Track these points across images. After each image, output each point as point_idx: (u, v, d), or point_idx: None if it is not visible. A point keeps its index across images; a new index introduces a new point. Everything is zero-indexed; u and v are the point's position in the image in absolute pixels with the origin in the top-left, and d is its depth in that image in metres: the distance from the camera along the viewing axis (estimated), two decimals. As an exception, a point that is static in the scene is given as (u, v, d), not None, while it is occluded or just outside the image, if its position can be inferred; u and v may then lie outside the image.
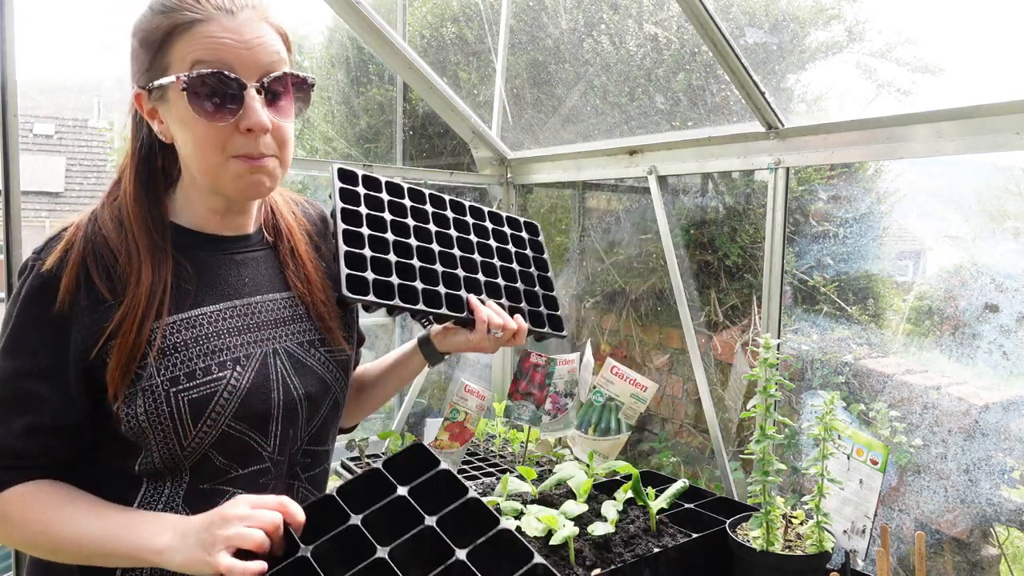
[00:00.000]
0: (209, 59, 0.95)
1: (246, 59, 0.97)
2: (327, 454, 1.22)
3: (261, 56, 0.98)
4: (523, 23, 3.17)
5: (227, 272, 1.09)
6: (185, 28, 0.95)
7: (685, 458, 3.03)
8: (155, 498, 1.03)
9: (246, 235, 1.13)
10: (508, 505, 1.69)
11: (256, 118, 0.97)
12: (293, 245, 1.17)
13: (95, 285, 0.98)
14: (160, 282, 1.00)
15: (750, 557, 1.45)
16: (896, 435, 2.23)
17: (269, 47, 0.99)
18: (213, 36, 0.95)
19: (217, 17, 0.96)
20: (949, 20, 2.16)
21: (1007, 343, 2.07)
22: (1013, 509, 2.04)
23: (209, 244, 1.09)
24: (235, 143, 0.98)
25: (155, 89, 0.99)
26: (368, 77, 4.16)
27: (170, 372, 0.99)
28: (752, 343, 2.64)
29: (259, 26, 0.99)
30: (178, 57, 0.96)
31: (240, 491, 1.05)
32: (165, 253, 1.02)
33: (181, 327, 1.02)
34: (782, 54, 2.53)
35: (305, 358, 1.13)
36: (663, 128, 2.76)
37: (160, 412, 0.98)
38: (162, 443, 1.00)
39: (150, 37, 0.98)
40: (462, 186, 3.44)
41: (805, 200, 2.68)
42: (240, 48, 0.96)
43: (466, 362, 3.82)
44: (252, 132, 0.98)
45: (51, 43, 2.77)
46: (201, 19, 0.95)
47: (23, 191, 1.83)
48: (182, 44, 0.95)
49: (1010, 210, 2.25)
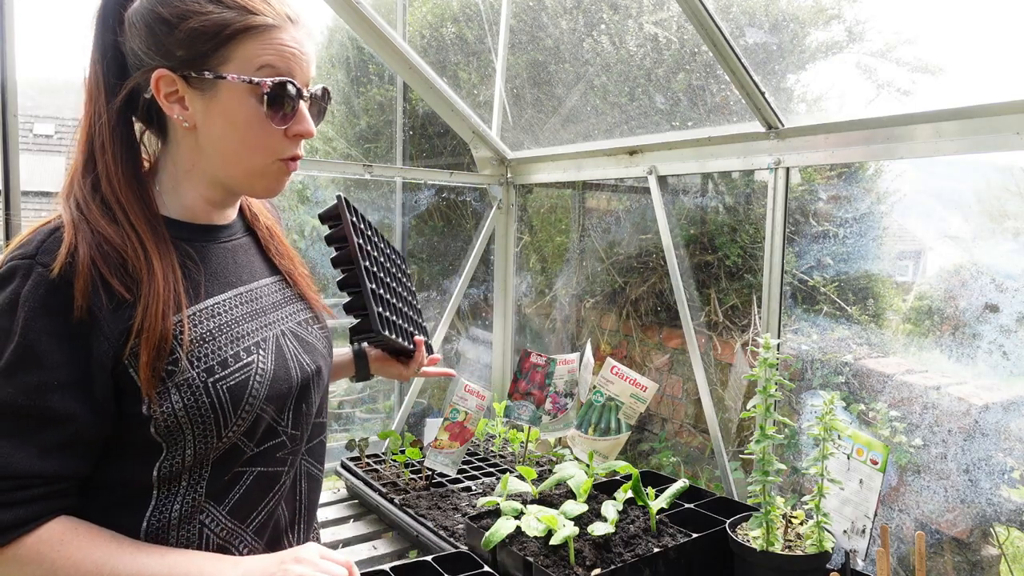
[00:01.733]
0: (280, 66, 1.00)
1: (305, 70, 1.03)
2: (325, 425, 1.26)
3: (309, 69, 1.05)
4: (523, 23, 3.17)
5: (225, 260, 1.10)
6: (261, 31, 0.98)
7: (685, 458, 3.03)
8: (169, 499, 1.01)
9: (231, 223, 1.15)
10: (508, 505, 1.69)
11: (308, 126, 1.04)
12: (268, 224, 1.22)
13: (111, 286, 0.93)
14: (171, 272, 0.99)
15: (750, 557, 1.45)
16: (896, 435, 2.23)
17: (313, 61, 1.06)
18: (285, 44, 1.00)
19: (287, 26, 1.01)
20: (949, 20, 2.16)
21: (1007, 343, 2.07)
22: (1013, 509, 2.04)
23: (201, 234, 1.09)
24: (283, 147, 1.04)
25: (198, 79, 0.97)
26: (368, 77, 4.16)
27: (204, 363, 0.99)
28: (752, 343, 2.64)
29: (309, 39, 1.05)
30: (244, 56, 0.98)
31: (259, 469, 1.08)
32: (167, 243, 1.01)
33: (204, 317, 1.02)
34: (782, 54, 2.53)
35: (307, 336, 1.18)
36: (663, 128, 2.76)
37: (200, 404, 0.97)
38: (200, 437, 0.98)
39: (215, 29, 0.96)
40: (462, 186, 3.44)
41: (805, 200, 2.68)
42: (302, 59, 1.03)
43: (466, 362, 3.82)
44: (298, 138, 1.05)
45: (51, 43, 2.76)
46: (275, 25, 0.99)
47: (23, 191, 1.83)
48: (253, 45, 0.98)
49: (1010, 210, 2.25)
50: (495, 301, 3.32)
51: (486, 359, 3.48)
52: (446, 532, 1.89)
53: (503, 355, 3.29)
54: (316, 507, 1.25)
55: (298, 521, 1.17)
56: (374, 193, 3.87)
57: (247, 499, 1.06)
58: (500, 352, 3.30)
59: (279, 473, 1.10)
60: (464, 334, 3.84)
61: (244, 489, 1.06)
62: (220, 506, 1.04)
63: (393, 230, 3.78)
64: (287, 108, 1.01)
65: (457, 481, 2.26)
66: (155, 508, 1.00)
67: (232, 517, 1.05)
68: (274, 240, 1.22)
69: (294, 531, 1.16)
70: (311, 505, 1.21)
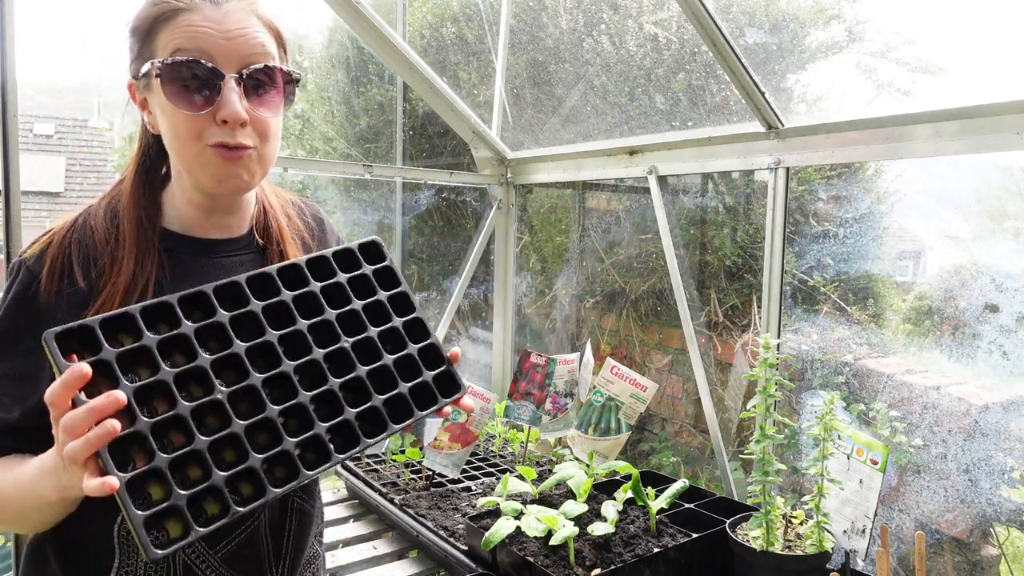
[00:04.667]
0: (188, 47, 0.94)
1: (226, 49, 0.96)
2: None
3: (242, 47, 0.97)
4: (523, 23, 3.17)
5: (206, 277, 1.05)
6: (170, 16, 0.96)
7: (685, 458, 3.03)
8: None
9: (235, 237, 1.12)
10: (508, 505, 1.69)
11: (231, 108, 0.95)
12: (283, 247, 1.15)
13: (74, 272, 0.98)
14: (142, 279, 1.00)
15: (750, 557, 1.45)
16: (896, 435, 2.23)
17: (252, 38, 0.98)
18: (194, 25, 0.95)
19: (201, 7, 0.96)
20: (949, 20, 2.16)
21: (1007, 343, 2.07)
22: (1013, 509, 2.04)
23: (194, 247, 1.08)
24: (211, 133, 0.97)
25: (141, 77, 0.99)
26: (368, 77, 4.16)
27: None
28: (752, 343, 2.64)
29: (244, 17, 0.98)
30: (161, 45, 0.96)
31: None
32: (151, 252, 1.02)
33: None
34: (782, 54, 2.53)
35: None
36: (663, 128, 2.76)
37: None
38: None
39: (140, 26, 0.98)
40: (462, 186, 3.44)
41: (805, 200, 2.68)
42: (220, 38, 0.95)
43: (466, 362, 3.82)
44: (228, 123, 0.97)
45: (51, 43, 2.76)
46: (185, 8, 0.96)
47: (23, 191, 1.82)
48: (166, 32, 0.96)
49: (1010, 210, 2.25)
50: (495, 301, 3.31)
51: (486, 359, 3.48)
52: (446, 532, 1.89)
53: (503, 355, 3.29)
54: (307, 543, 1.20)
55: (284, 557, 1.15)
56: (374, 193, 3.87)
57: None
58: (500, 352, 3.30)
59: None
60: (464, 334, 3.84)
61: None
62: None
63: (393, 230, 3.78)
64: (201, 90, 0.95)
65: (457, 481, 2.26)
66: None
67: (204, 543, 1.03)
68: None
69: (279, 567, 1.14)
70: (300, 543, 1.18)
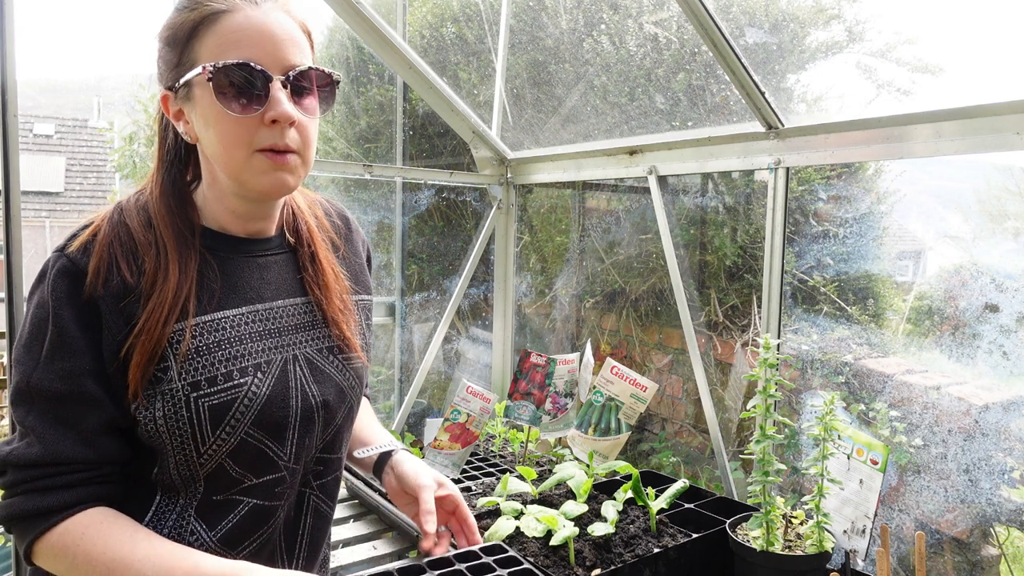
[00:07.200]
0: (237, 50, 0.94)
1: (272, 52, 0.95)
2: (339, 461, 1.20)
3: (287, 50, 0.96)
4: (523, 23, 3.17)
5: (249, 275, 1.07)
6: (212, 21, 0.94)
7: (685, 458, 3.03)
8: (169, 508, 1.02)
9: (268, 238, 1.12)
10: (508, 505, 1.69)
11: (281, 108, 0.94)
12: (314, 250, 1.15)
13: (121, 269, 0.96)
14: (187, 281, 0.99)
15: (750, 557, 1.45)
16: (896, 435, 2.23)
17: (293, 41, 0.98)
18: (239, 28, 0.94)
19: (243, 7, 0.95)
20: (949, 20, 2.16)
21: (1007, 343, 2.07)
22: (1013, 509, 2.04)
23: (232, 246, 1.07)
24: (260, 136, 0.96)
25: (181, 87, 0.98)
26: (368, 77, 4.16)
27: (191, 376, 0.97)
28: (752, 343, 2.64)
29: (284, 18, 0.98)
30: (205, 51, 0.95)
31: (255, 501, 1.05)
32: (193, 252, 1.01)
33: (205, 330, 1.00)
34: (782, 54, 2.53)
35: (324, 365, 1.12)
36: (663, 128, 2.76)
37: (179, 417, 0.96)
38: (179, 449, 0.98)
39: (176, 34, 0.96)
40: (462, 186, 3.44)
41: (805, 200, 2.68)
42: (265, 40, 0.95)
43: (466, 362, 3.82)
44: (277, 124, 0.95)
45: (51, 43, 2.77)
46: (226, 10, 0.94)
47: (23, 191, 1.83)
48: (210, 37, 0.94)
49: (1010, 210, 2.25)
50: (495, 301, 3.32)
51: (486, 359, 3.48)
52: (446, 532, 1.89)
53: (503, 355, 3.29)
54: (322, 544, 1.19)
55: (298, 554, 1.14)
56: (374, 193, 3.87)
57: (239, 529, 1.04)
58: (500, 352, 3.30)
59: (275, 507, 1.07)
60: (464, 334, 3.84)
61: (238, 519, 1.04)
62: (212, 531, 1.02)
63: (393, 230, 3.78)
64: (251, 94, 0.94)
65: (457, 481, 2.26)
66: (155, 513, 1.01)
67: (223, 545, 1.04)
68: (313, 265, 1.15)
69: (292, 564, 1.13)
70: (315, 542, 1.17)
